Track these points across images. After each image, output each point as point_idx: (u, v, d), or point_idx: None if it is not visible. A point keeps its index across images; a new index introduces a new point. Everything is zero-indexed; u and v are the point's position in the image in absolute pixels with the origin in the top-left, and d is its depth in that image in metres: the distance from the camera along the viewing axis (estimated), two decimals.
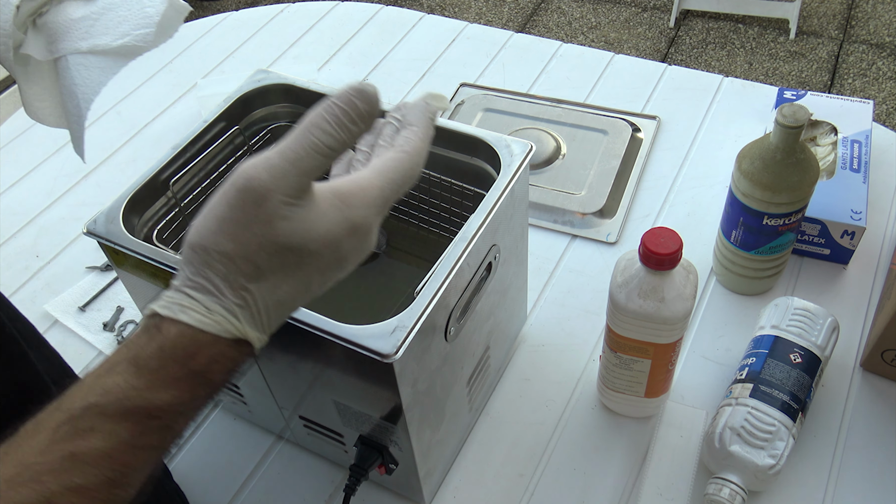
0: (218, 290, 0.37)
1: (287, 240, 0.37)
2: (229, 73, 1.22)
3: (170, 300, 0.38)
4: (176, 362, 0.37)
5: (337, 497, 0.72)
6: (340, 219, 0.39)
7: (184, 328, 0.37)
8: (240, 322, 0.38)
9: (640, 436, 0.74)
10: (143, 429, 0.36)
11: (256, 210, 0.37)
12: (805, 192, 0.73)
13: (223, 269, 0.37)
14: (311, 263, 0.39)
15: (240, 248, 0.37)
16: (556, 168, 0.99)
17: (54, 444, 0.34)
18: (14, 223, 1.03)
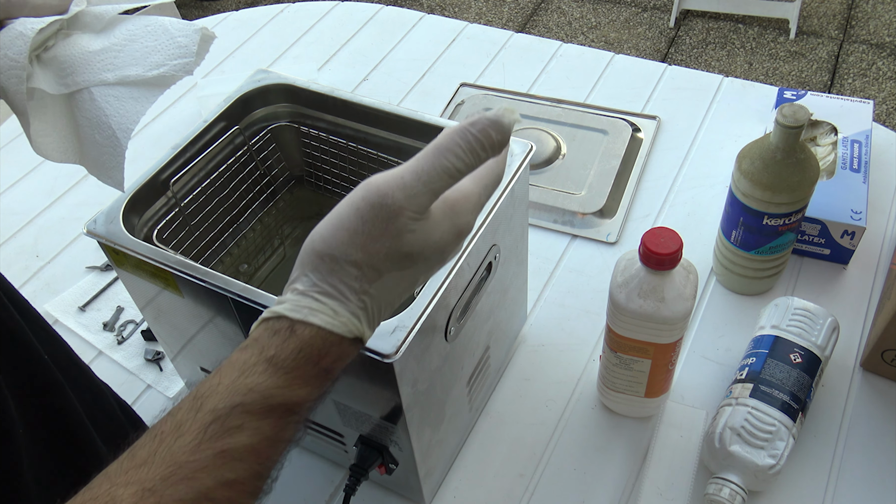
0: (344, 295, 0.40)
1: (409, 249, 0.41)
2: (229, 73, 1.22)
3: (297, 304, 0.40)
4: (310, 362, 0.40)
5: (337, 497, 0.72)
6: (451, 226, 0.42)
7: (317, 330, 0.40)
8: (360, 323, 0.41)
9: (640, 436, 0.74)
10: (283, 424, 0.39)
11: (388, 225, 0.40)
12: (805, 192, 0.73)
13: (350, 279, 0.40)
14: (422, 265, 0.42)
15: (368, 259, 0.40)
16: (556, 168, 0.99)
17: (204, 442, 0.37)
18: (14, 223, 1.03)
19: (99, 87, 0.53)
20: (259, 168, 0.76)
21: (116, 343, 0.86)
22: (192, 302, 0.61)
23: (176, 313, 0.67)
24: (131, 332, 0.87)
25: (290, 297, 0.41)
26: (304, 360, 0.39)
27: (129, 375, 0.83)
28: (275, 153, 0.77)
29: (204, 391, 0.39)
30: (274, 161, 0.77)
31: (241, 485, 0.38)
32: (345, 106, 0.72)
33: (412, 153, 0.72)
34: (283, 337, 0.40)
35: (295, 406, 0.40)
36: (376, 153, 0.72)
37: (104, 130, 0.53)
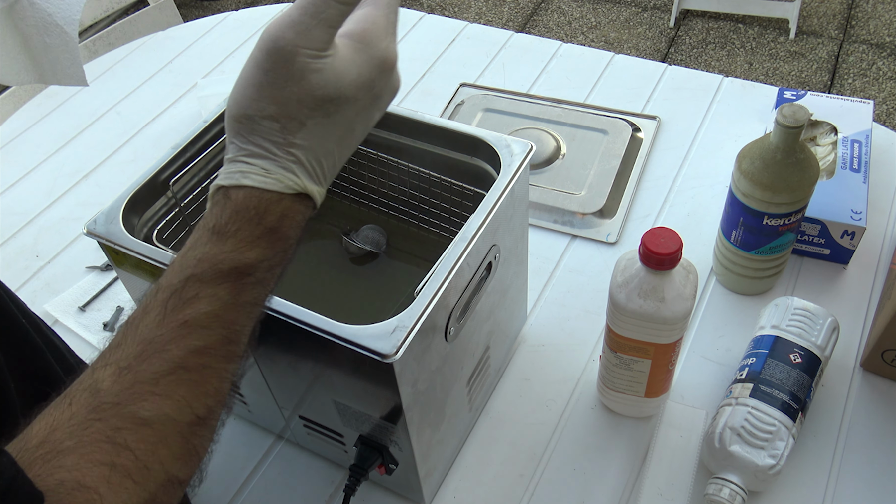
0: (270, 152, 0.40)
1: (323, 91, 0.40)
2: (229, 73, 1.22)
3: (228, 172, 0.41)
4: (251, 222, 0.40)
5: (337, 497, 0.72)
6: (367, 58, 0.41)
7: (250, 191, 0.40)
8: (297, 177, 0.41)
9: (640, 436, 0.74)
10: (240, 287, 0.40)
11: (288, 68, 0.39)
12: (805, 192, 0.73)
13: (269, 132, 0.40)
14: (350, 108, 0.41)
15: (282, 108, 0.40)
16: (556, 168, 0.99)
17: (166, 317, 0.38)
18: (14, 223, 1.03)
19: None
20: None
21: None
22: None
23: None
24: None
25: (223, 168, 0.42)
26: (245, 221, 0.40)
27: None
28: None
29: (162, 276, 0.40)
30: None
31: (212, 349, 0.39)
32: None
33: (412, 153, 0.72)
34: (220, 205, 0.40)
35: (247, 268, 0.40)
36: (376, 153, 0.72)
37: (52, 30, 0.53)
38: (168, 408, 0.37)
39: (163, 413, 0.36)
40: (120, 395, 0.36)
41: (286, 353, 0.61)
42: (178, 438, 0.37)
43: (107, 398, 0.36)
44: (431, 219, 0.75)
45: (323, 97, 0.40)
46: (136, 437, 0.36)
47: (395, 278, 0.78)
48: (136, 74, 1.24)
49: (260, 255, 0.40)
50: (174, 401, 0.37)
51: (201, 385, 0.38)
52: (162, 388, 0.37)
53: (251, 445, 0.76)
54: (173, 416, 0.37)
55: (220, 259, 0.39)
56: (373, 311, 0.74)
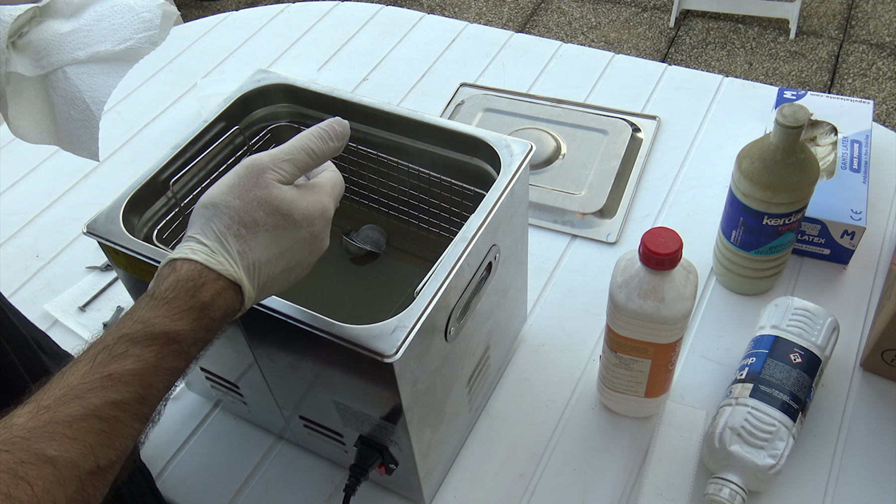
0: (224, 237, 0.47)
1: (279, 203, 0.48)
2: (229, 73, 1.22)
3: (181, 247, 0.47)
4: (187, 294, 0.45)
5: (337, 497, 0.72)
6: (314, 200, 0.51)
7: (193, 265, 0.46)
8: (238, 267, 0.47)
9: (640, 436, 0.74)
10: (165, 352, 0.43)
11: (257, 178, 0.48)
12: (805, 192, 0.73)
13: (229, 220, 0.47)
14: (294, 232, 0.49)
15: (243, 204, 0.48)
16: (556, 168, 0.99)
17: (94, 368, 0.41)
18: (14, 223, 1.03)
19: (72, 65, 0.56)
20: None
21: None
22: None
23: None
24: None
25: (179, 244, 0.47)
26: (182, 291, 0.45)
27: None
28: None
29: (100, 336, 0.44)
30: None
31: (127, 405, 0.41)
32: (345, 106, 0.72)
33: (412, 153, 0.72)
34: (164, 276, 0.46)
35: (175, 335, 0.44)
36: (376, 153, 0.72)
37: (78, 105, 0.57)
38: (74, 451, 0.38)
39: (68, 455, 0.38)
40: (32, 430, 0.38)
41: (286, 353, 0.61)
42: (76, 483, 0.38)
43: (19, 432, 0.38)
44: (431, 219, 0.75)
45: (278, 208, 0.48)
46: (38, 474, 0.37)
47: (395, 278, 0.78)
48: (136, 74, 1.24)
49: (188, 326, 0.44)
50: (82, 446, 0.39)
51: (110, 437, 0.40)
52: (73, 432, 0.39)
53: (251, 445, 0.76)
54: (77, 461, 0.38)
55: (152, 322, 0.43)
56: (373, 311, 0.74)
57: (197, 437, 0.77)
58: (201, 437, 0.77)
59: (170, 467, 0.75)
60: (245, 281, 0.47)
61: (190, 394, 0.81)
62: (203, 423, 0.78)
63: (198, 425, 0.78)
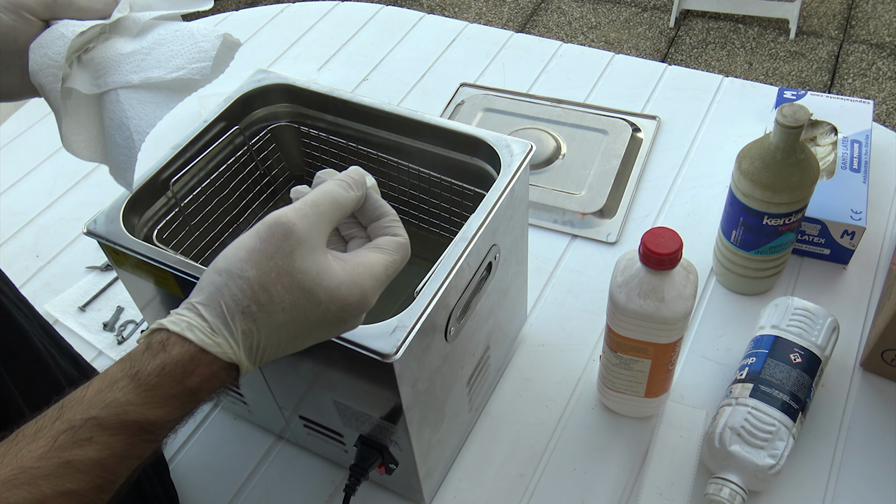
0: (230, 313, 0.41)
1: (302, 278, 0.42)
2: (229, 73, 1.22)
3: (180, 318, 0.41)
4: (174, 380, 0.39)
5: (337, 497, 0.72)
6: (351, 283, 0.43)
7: (187, 346, 0.40)
8: (239, 349, 0.41)
9: (640, 436, 0.74)
10: (134, 441, 0.39)
11: (281, 242, 0.42)
12: (805, 192, 0.73)
13: (240, 294, 0.41)
14: (315, 313, 0.42)
15: (260, 276, 0.41)
16: (556, 168, 0.99)
17: (52, 451, 0.37)
18: (14, 223, 1.03)
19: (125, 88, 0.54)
20: (259, 168, 0.76)
21: (116, 343, 0.86)
22: None
23: None
24: (131, 332, 0.87)
25: (178, 309, 0.41)
26: (168, 377, 0.39)
27: None
28: (275, 153, 0.77)
29: (70, 400, 0.39)
30: (274, 161, 0.77)
31: (80, 496, 0.37)
32: (345, 106, 0.72)
33: (412, 153, 0.72)
34: (153, 352, 0.40)
35: (149, 425, 0.39)
36: (376, 153, 0.72)
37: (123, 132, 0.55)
38: None
39: None
40: None
41: None
42: None
43: None
44: (431, 219, 0.75)
45: (300, 283, 0.41)
46: None
47: (396, 278, 0.77)
48: None
49: (167, 413, 0.40)
50: None
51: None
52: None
53: (251, 445, 0.76)
54: None
55: (127, 410, 0.38)
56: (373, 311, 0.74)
57: (197, 437, 0.77)
58: (201, 437, 0.77)
59: (170, 467, 0.75)
60: (245, 362, 0.42)
61: None
62: (203, 423, 0.78)
63: (198, 425, 0.78)
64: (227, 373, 0.41)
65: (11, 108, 1.30)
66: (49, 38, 0.52)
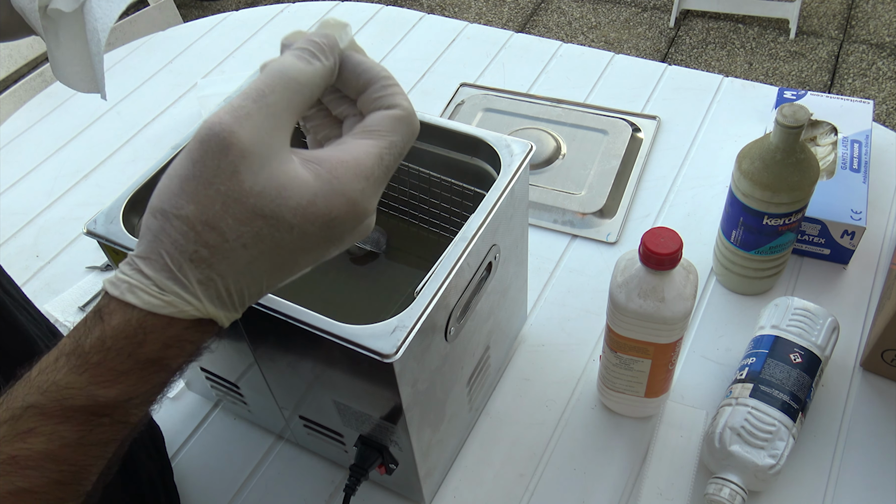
0: (176, 263, 0.33)
1: (257, 201, 0.32)
2: (229, 73, 1.22)
3: (121, 277, 0.33)
4: (120, 354, 0.33)
5: (337, 497, 0.72)
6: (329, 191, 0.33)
7: (130, 313, 0.33)
8: (200, 302, 0.33)
9: (640, 436, 0.74)
10: (90, 427, 0.33)
11: (219, 160, 0.32)
12: (805, 192, 0.73)
13: (181, 239, 0.32)
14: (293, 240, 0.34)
15: (201, 211, 0.32)
16: (556, 168, 0.99)
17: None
18: (14, 223, 1.03)
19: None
20: None
21: None
22: None
23: None
24: None
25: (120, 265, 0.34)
26: (112, 352, 0.32)
27: None
28: None
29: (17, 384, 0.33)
30: None
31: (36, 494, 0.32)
32: None
33: (412, 153, 0.72)
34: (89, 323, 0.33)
35: (101, 408, 0.32)
36: None
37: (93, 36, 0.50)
38: None
39: None
40: None
41: (286, 353, 0.61)
42: None
43: None
44: (431, 219, 0.75)
45: (255, 209, 0.32)
46: None
47: (395, 278, 0.78)
48: (136, 74, 1.24)
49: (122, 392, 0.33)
50: None
51: None
52: None
53: (251, 445, 0.76)
54: None
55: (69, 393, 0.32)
56: (373, 311, 0.74)
57: (197, 437, 0.77)
58: (201, 437, 0.77)
59: None
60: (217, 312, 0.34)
61: (190, 394, 0.81)
62: (203, 423, 0.78)
63: (198, 425, 0.78)
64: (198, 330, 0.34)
65: (12, 107, 1.30)
66: None
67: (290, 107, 0.34)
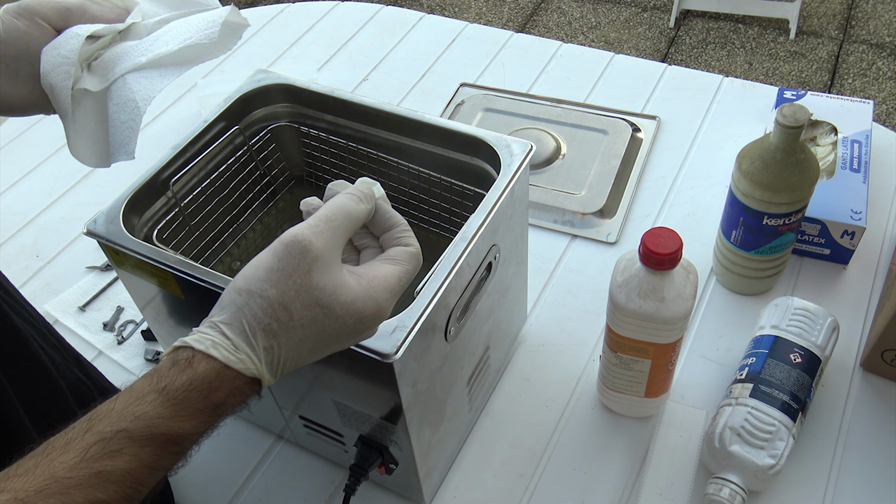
0: (252, 331, 0.42)
1: (320, 294, 0.43)
2: (229, 73, 1.22)
3: (203, 336, 0.42)
4: (200, 394, 0.41)
5: (337, 497, 0.72)
6: (366, 295, 0.44)
7: (213, 363, 0.41)
8: (261, 364, 0.42)
9: (640, 436, 0.74)
10: (163, 453, 0.40)
11: (299, 260, 0.43)
12: (805, 192, 0.73)
13: (261, 313, 0.42)
14: (332, 327, 0.44)
15: (280, 295, 0.42)
16: (556, 168, 0.99)
17: (84, 462, 0.38)
18: (14, 223, 1.03)
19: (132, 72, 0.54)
20: (259, 168, 0.76)
21: (116, 343, 0.86)
22: (192, 302, 0.61)
23: (176, 313, 0.67)
24: (131, 332, 0.87)
25: (201, 328, 0.43)
26: (195, 392, 0.41)
27: (129, 375, 0.83)
28: (275, 153, 0.77)
29: (99, 413, 0.40)
30: (274, 161, 0.77)
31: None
32: (345, 106, 0.72)
33: (412, 153, 0.72)
34: (179, 368, 0.41)
35: (177, 437, 0.41)
36: (376, 153, 0.72)
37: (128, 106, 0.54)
38: None
39: None
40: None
41: None
42: None
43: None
44: (431, 219, 0.75)
45: (318, 300, 0.43)
46: None
47: None
48: None
49: (193, 426, 0.41)
50: None
51: None
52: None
53: (251, 445, 0.76)
54: None
55: (156, 423, 0.40)
56: None
57: None
58: None
59: None
60: (267, 376, 0.43)
61: None
62: None
63: None
64: (250, 386, 0.43)
65: None
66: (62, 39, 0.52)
67: (346, 233, 0.46)
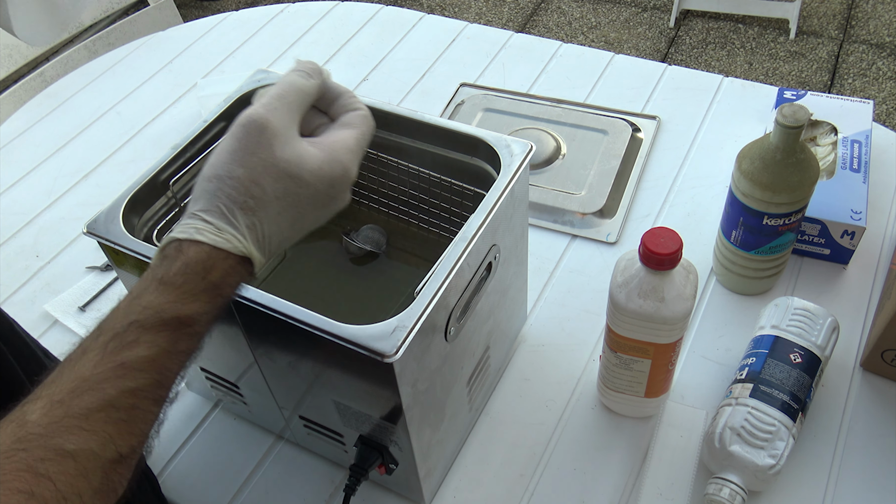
0: (231, 212, 0.45)
1: (286, 166, 0.45)
2: (229, 73, 1.22)
3: (186, 226, 0.45)
4: (197, 276, 0.43)
5: (337, 497, 0.72)
6: (329, 159, 0.47)
7: (202, 247, 0.44)
8: (247, 241, 0.45)
9: (640, 436, 0.74)
10: (178, 336, 0.43)
11: (259, 138, 0.45)
12: (805, 192, 0.73)
13: (234, 193, 0.45)
14: (306, 195, 0.46)
15: (248, 172, 0.45)
16: (556, 168, 0.99)
17: (105, 357, 0.40)
18: (14, 223, 1.03)
19: None
20: None
21: None
22: None
23: None
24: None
25: (182, 221, 0.45)
26: (192, 275, 0.43)
27: None
28: None
29: (105, 320, 0.43)
30: None
31: (143, 392, 0.41)
32: None
33: (412, 153, 0.72)
34: (171, 259, 0.44)
35: (187, 319, 0.43)
36: (376, 153, 0.72)
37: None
38: (93, 443, 0.38)
39: (87, 448, 0.38)
40: (48, 426, 0.37)
41: (286, 353, 0.61)
42: (100, 473, 0.38)
43: (34, 429, 0.37)
44: (431, 219, 0.75)
45: (286, 170, 0.45)
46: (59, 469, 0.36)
47: (395, 278, 0.78)
48: (136, 74, 1.24)
49: (200, 308, 0.43)
50: (100, 437, 0.38)
51: (129, 424, 0.40)
52: (90, 424, 0.38)
53: (251, 445, 0.76)
54: (97, 452, 0.38)
55: (163, 308, 0.42)
56: (373, 311, 0.74)
57: (197, 437, 0.77)
58: (201, 437, 0.77)
59: (169, 467, 0.75)
60: (255, 253, 0.45)
61: (190, 394, 0.81)
62: (203, 423, 0.78)
63: (198, 425, 0.78)
64: (243, 266, 0.45)
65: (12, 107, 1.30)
66: None
67: (299, 107, 0.48)
